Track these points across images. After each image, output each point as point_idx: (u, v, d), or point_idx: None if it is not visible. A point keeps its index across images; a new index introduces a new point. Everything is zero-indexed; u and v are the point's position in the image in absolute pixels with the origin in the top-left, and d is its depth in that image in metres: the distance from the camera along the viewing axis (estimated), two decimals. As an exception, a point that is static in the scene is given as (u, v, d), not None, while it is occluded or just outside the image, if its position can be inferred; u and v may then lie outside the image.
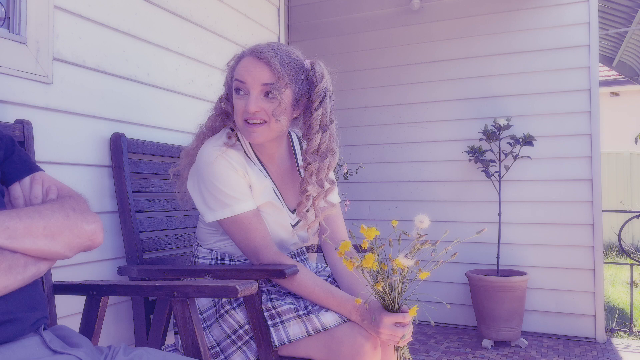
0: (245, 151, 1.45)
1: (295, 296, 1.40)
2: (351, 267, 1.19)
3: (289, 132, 1.59)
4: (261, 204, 1.42)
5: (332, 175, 1.52)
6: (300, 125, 1.48)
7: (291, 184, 1.53)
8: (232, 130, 1.46)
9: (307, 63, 1.43)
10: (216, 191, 1.36)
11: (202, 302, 1.43)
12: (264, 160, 1.49)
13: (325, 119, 1.41)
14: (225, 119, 1.48)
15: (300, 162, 1.57)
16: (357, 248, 1.42)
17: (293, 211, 1.51)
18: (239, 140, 1.45)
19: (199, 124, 1.52)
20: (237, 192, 1.36)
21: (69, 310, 1.44)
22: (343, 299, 1.31)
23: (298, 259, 1.57)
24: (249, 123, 1.37)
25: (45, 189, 0.97)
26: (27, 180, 0.99)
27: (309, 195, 1.44)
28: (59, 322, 1.30)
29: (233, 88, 1.39)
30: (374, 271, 1.18)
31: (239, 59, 1.41)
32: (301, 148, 1.60)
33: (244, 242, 1.38)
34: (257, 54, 1.36)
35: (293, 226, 1.50)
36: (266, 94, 1.35)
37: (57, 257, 0.90)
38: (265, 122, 1.37)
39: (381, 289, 1.19)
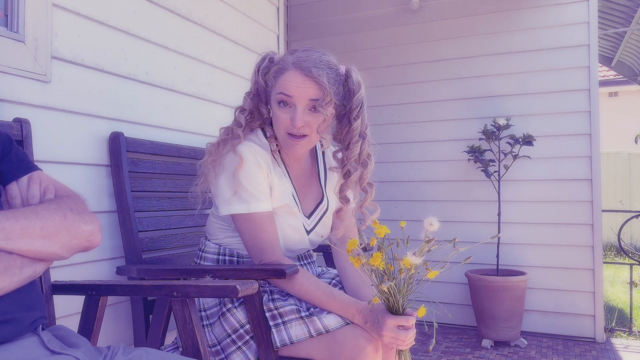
0: (272, 150, 1.44)
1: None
2: (358, 265, 1.18)
3: None
4: (278, 206, 1.41)
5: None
6: (335, 131, 1.48)
7: (309, 189, 1.53)
8: (263, 129, 1.46)
9: (342, 69, 1.42)
10: (237, 185, 1.35)
11: (207, 300, 1.43)
12: (288, 162, 1.48)
13: (364, 127, 1.43)
14: (254, 117, 1.46)
15: (322, 167, 1.57)
16: (365, 249, 1.41)
17: (308, 216, 1.50)
18: (267, 139, 1.45)
19: (222, 128, 1.47)
20: (258, 190, 1.36)
21: (67, 310, 1.44)
22: (346, 302, 1.30)
23: (304, 262, 1.56)
24: (292, 136, 1.37)
25: (42, 189, 0.97)
26: (24, 179, 0.98)
27: (351, 202, 1.47)
28: (58, 322, 1.29)
29: (275, 99, 1.38)
30: (380, 271, 1.17)
31: (281, 69, 1.37)
32: (323, 152, 1.60)
33: (251, 241, 1.38)
34: (304, 69, 1.34)
35: (308, 232, 1.49)
36: (311, 109, 1.36)
37: (54, 258, 0.89)
38: (307, 135, 1.38)
39: (386, 290, 1.18)
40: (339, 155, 1.52)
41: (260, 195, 1.37)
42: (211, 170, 1.39)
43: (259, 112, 1.46)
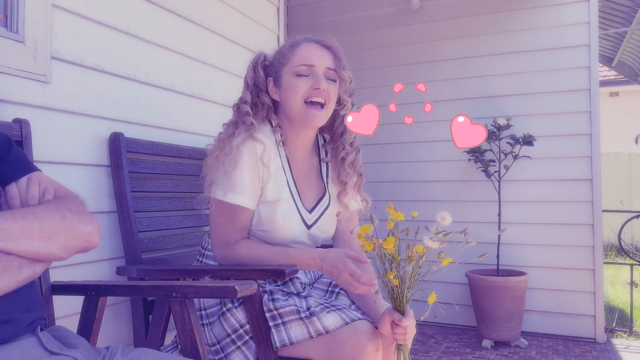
0: (276, 142, 1.44)
1: (298, 297, 1.39)
2: (370, 248, 1.18)
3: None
4: (271, 200, 1.42)
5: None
6: (328, 123, 1.53)
7: (311, 184, 1.53)
8: (270, 122, 1.47)
9: None
10: (223, 172, 1.37)
11: (207, 299, 1.43)
12: (292, 155, 1.49)
13: None
14: (257, 109, 1.46)
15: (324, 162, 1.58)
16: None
17: (310, 211, 1.49)
18: (272, 128, 1.46)
19: (225, 124, 1.48)
20: (240, 184, 1.37)
21: (67, 310, 1.43)
22: (300, 255, 1.36)
23: None
24: (311, 105, 1.41)
25: (42, 190, 0.97)
26: (23, 180, 0.98)
27: (348, 185, 1.52)
28: (58, 323, 1.29)
29: (293, 72, 1.42)
30: (389, 256, 1.17)
31: (295, 44, 1.45)
32: (325, 148, 1.60)
33: (215, 224, 1.42)
34: (318, 41, 1.45)
35: (309, 226, 1.48)
36: (328, 79, 1.43)
37: (53, 258, 0.89)
38: (324, 105, 1.42)
39: (392, 278, 1.18)
40: (329, 146, 1.57)
41: (243, 189, 1.38)
42: (217, 167, 1.39)
43: (260, 101, 1.47)
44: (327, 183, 1.56)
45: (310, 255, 1.35)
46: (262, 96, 1.47)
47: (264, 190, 1.42)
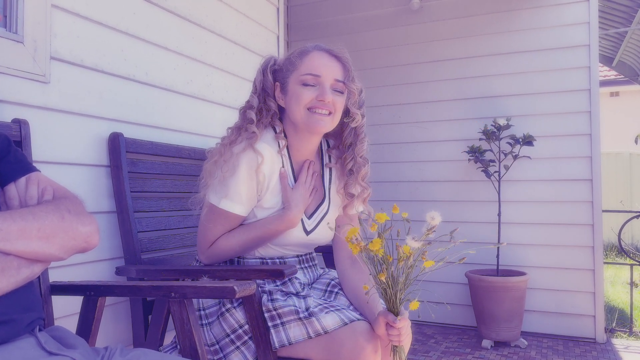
0: (279, 148, 1.44)
1: (297, 297, 1.39)
2: (357, 251, 1.18)
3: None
4: (271, 206, 1.42)
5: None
6: (336, 130, 1.51)
7: (313, 190, 1.52)
8: (274, 128, 1.46)
9: None
10: (220, 178, 1.38)
11: (206, 299, 1.43)
12: (295, 160, 1.48)
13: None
14: (262, 114, 1.46)
15: (327, 168, 1.57)
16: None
17: (309, 217, 1.49)
18: (276, 134, 1.45)
19: (229, 128, 1.48)
20: (235, 193, 1.37)
21: (66, 310, 1.43)
22: (261, 225, 1.41)
23: (306, 265, 1.56)
24: (316, 112, 1.39)
25: (40, 190, 0.97)
26: (22, 180, 0.98)
27: (355, 197, 1.51)
28: (57, 323, 1.29)
29: (299, 81, 1.40)
30: (378, 257, 1.16)
31: (305, 52, 1.43)
32: (329, 154, 1.60)
33: (205, 228, 1.44)
34: (327, 50, 1.44)
35: (308, 232, 1.48)
36: (335, 90, 1.41)
37: (52, 259, 0.89)
38: (331, 113, 1.41)
39: (384, 280, 1.18)
40: (334, 152, 1.56)
41: (236, 197, 1.38)
42: (215, 172, 1.39)
43: (266, 106, 1.46)
44: (329, 189, 1.55)
45: (280, 219, 1.40)
46: (269, 101, 1.46)
47: (261, 197, 1.42)
